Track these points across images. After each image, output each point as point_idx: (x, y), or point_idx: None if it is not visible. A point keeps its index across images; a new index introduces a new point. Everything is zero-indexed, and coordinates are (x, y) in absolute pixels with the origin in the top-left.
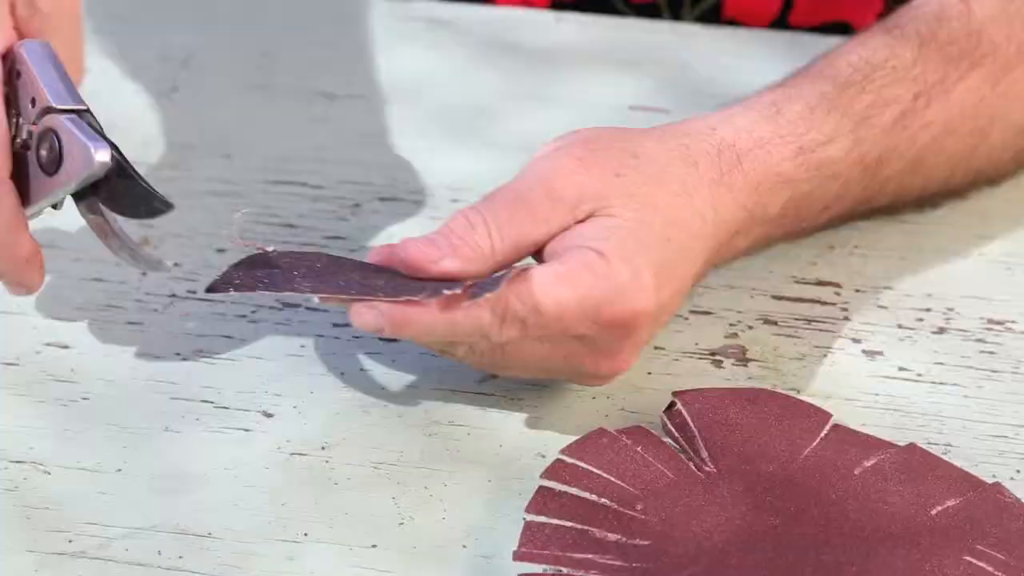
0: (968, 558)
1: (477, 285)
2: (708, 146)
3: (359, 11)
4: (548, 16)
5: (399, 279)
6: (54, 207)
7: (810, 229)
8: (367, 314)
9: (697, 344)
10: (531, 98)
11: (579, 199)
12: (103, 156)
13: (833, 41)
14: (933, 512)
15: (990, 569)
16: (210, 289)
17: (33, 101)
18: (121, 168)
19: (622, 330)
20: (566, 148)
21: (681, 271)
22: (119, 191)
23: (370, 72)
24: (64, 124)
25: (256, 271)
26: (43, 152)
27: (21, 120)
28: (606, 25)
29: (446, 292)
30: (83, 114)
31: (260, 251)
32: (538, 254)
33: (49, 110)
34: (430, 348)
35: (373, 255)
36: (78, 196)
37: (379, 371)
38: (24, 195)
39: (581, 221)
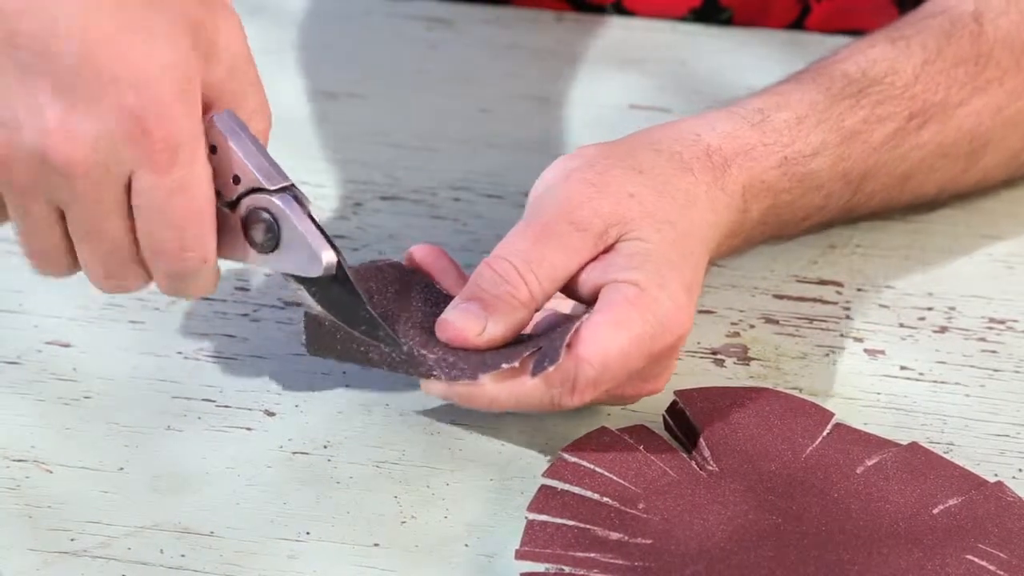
0: (970, 557)
1: (537, 358)
2: (698, 151)
3: (360, 10)
4: (548, 15)
5: (459, 349)
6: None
7: (790, 235)
8: (436, 387)
9: (699, 343)
10: (532, 97)
11: (605, 226)
12: (329, 259)
13: (834, 42)
14: (935, 511)
15: (992, 568)
16: (311, 353)
17: (236, 179)
18: (343, 277)
19: (667, 355)
20: (576, 174)
21: (699, 279)
22: (332, 295)
23: (371, 71)
24: (283, 211)
25: (327, 338)
26: (257, 230)
27: (221, 195)
28: (607, 24)
29: (504, 366)
30: (290, 189)
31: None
32: (569, 286)
33: (259, 190)
34: None
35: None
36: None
37: (381, 370)
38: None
39: (609, 247)
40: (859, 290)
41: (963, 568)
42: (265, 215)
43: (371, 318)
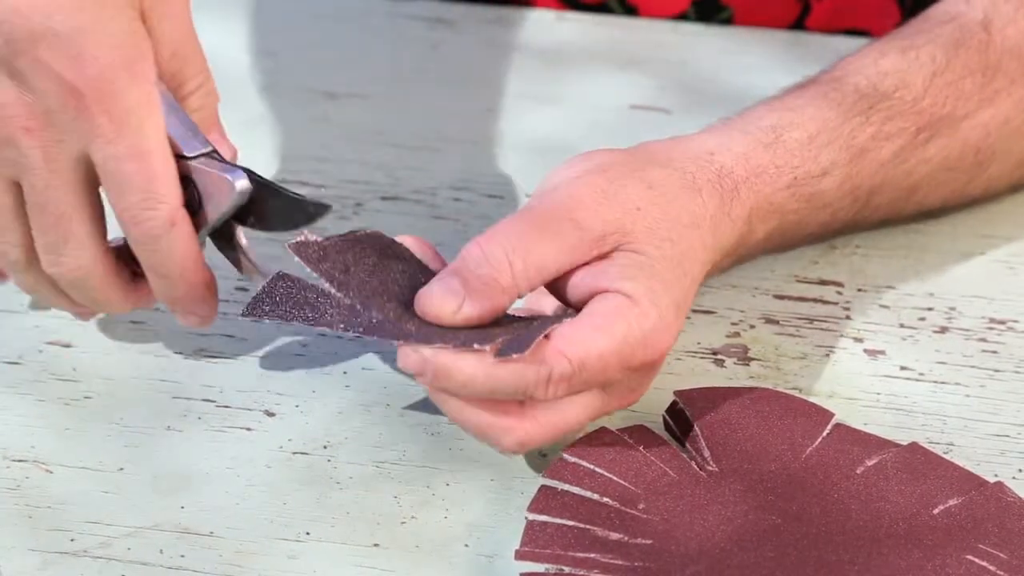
0: (970, 557)
1: (507, 343)
2: (710, 173)
3: (361, 10)
4: (549, 15)
5: (434, 324)
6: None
7: (792, 247)
8: (412, 357)
9: (699, 343)
10: (532, 98)
11: (604, 232)
12: (242, 184)
13: (835, 42)
14: (935, 511)
15: (992, 568)
16: (245, 313)
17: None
18: (260, 186)
19: (647, 370)
20: (587, 176)
21: (690, 300)
22: (266, 209)
23: (372, 71)
24: (196, 167)
25: (284, 296)
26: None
27: None
28: (607, 24)
29: (476, 347)
30: (211, 155)
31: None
32: (556, 284)
33: (180, 158)
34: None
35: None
36: (219, 233)
37: (381, 370)
38: None
39: (605, 255)
40: (859, 290)
41: (963, 568)
42: (185, 181)
43: (316, 204)
